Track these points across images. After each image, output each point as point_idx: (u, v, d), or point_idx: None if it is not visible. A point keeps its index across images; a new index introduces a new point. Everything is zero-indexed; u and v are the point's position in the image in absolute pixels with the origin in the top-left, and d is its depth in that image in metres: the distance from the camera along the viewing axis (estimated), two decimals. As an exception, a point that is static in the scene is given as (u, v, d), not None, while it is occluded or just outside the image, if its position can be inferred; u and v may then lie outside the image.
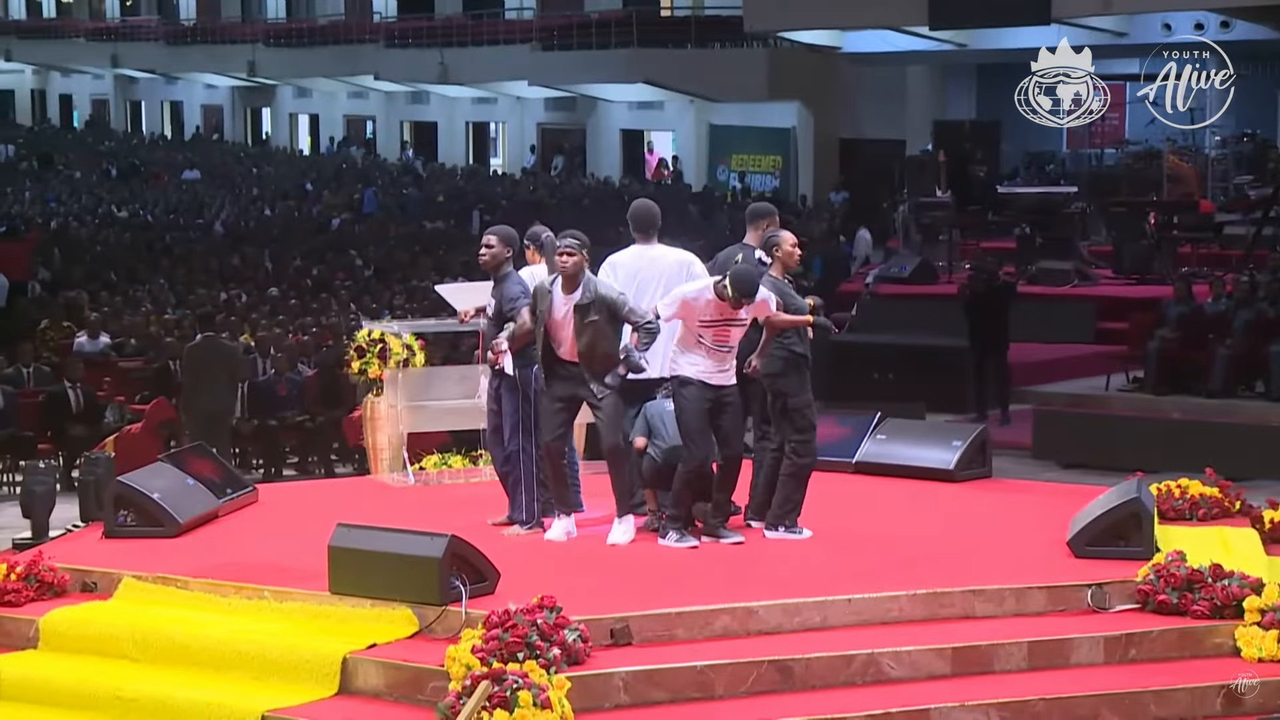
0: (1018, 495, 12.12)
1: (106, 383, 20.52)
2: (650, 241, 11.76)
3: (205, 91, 68.34)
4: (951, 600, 9.96)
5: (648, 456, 11.20)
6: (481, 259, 11.61)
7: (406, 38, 53.51)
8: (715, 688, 9.18)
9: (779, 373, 11.09)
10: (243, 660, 9.50)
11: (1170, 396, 19.68)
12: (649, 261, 11.64)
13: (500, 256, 11.50)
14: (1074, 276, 24.70)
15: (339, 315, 23.75)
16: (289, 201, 43.04)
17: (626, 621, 9.51)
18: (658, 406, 11.28)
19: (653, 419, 11.24)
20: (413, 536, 9.86)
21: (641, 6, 47.15)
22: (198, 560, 10.68)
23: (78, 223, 38.03)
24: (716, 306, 10.65)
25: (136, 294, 26.61)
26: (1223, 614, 9.76)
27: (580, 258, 10.87)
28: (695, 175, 45.75)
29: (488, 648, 8.98)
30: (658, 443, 11.16)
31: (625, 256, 11.77)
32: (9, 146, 61.55)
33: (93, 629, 9.96)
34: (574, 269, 10.85)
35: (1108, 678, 9.42)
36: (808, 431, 11.16)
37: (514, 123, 53.45)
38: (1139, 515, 10.52)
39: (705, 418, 10.81)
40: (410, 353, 13.21)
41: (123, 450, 15.62)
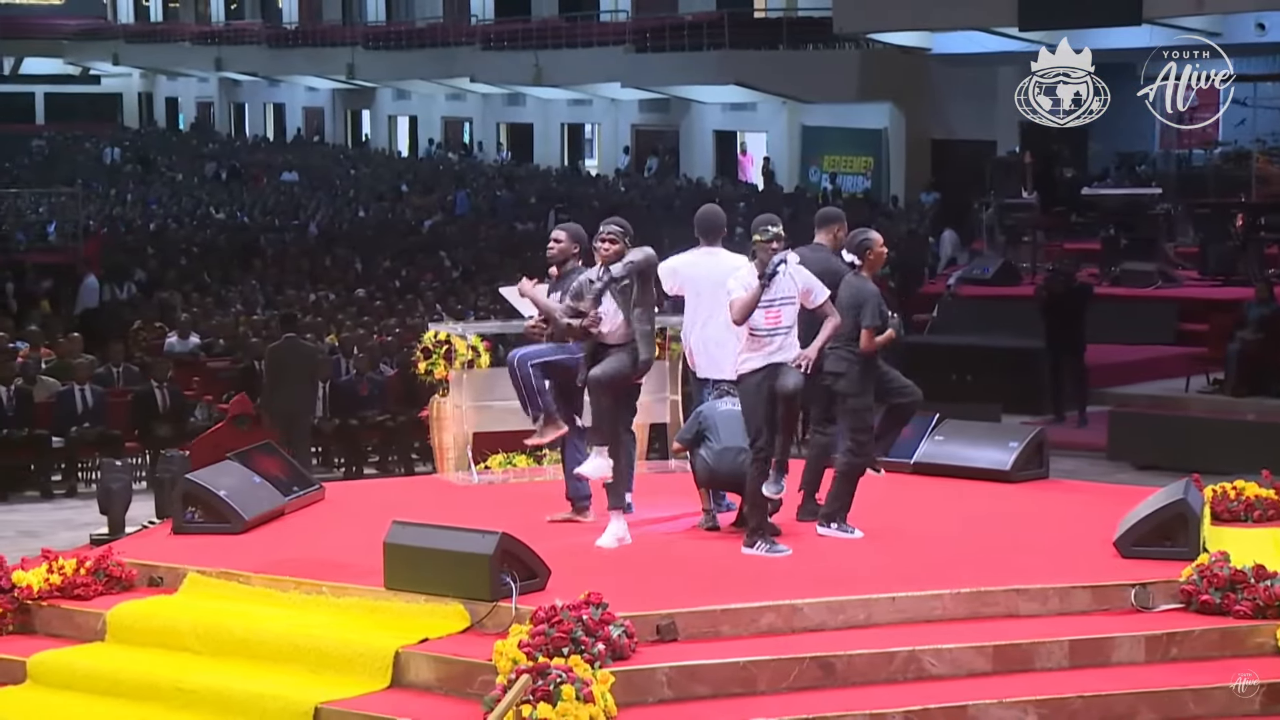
0: (1071, 496, 12.20)
1: (195, 382, 20.92)
2: (714, 245, 11.88)
3: (307, 94, 69.18)
4: (995, 599, 10.07)
5: (700, 458, 11.35)
6: (550, 252, 11.71)
7: (502, 40, 53.95)
8: (757, 683, 9.35)
9: (842, 372, 11.18)
10: (299, 653, 9.76)
11: (1250, 398, 19.63)
12: (707, 268, 11.74)
13: (567, 252, 11.61)
14: (1157, 278, 24.64)
15: (423, 316, 24.04)
16: (383, 203, 43.49)
17: (673, 618, 9.70)
18: (710, 408, 11.42)
19: (705, 420, 11.38)
20: (465, 534, 10.09)
21: (735, 8, 47.28)
22: (260, 556, 10.97)
23: (176, 224, 38.64)
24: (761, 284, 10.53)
25: (228, 295, 27.06)
26: (1265, 614, 9.82)
27: (622, 245, 10.99)
28: (788, 176, 45.85)
29: (534, 643, 9.20)
30: (711, 444, 11.30)
31: (684, 260, 11.89)
32: (114, 149, 62.52)
33: (157, 622, 10.26)
34: (614, 258, 10.96)
35: (1147, 676, 9.51)
36: (864, 432, 11.26)
37: (609, 124, 53.77)
38: (1185, 516, 10.60)
39: (770, 406, 10.65)
40: (475, 354, 13.46)
41: (205, 448, 15.95)
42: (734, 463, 11.08)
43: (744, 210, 39.47)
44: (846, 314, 10.97)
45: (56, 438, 18.27)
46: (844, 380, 11.17)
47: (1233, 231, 25.30)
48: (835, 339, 10.95)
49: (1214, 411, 19.52)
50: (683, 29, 46.42)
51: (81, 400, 18.56)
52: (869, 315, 11.06)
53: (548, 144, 56.34)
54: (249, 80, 71.59)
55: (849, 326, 11.01)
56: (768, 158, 47.32)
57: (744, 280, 10.66)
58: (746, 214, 38.65)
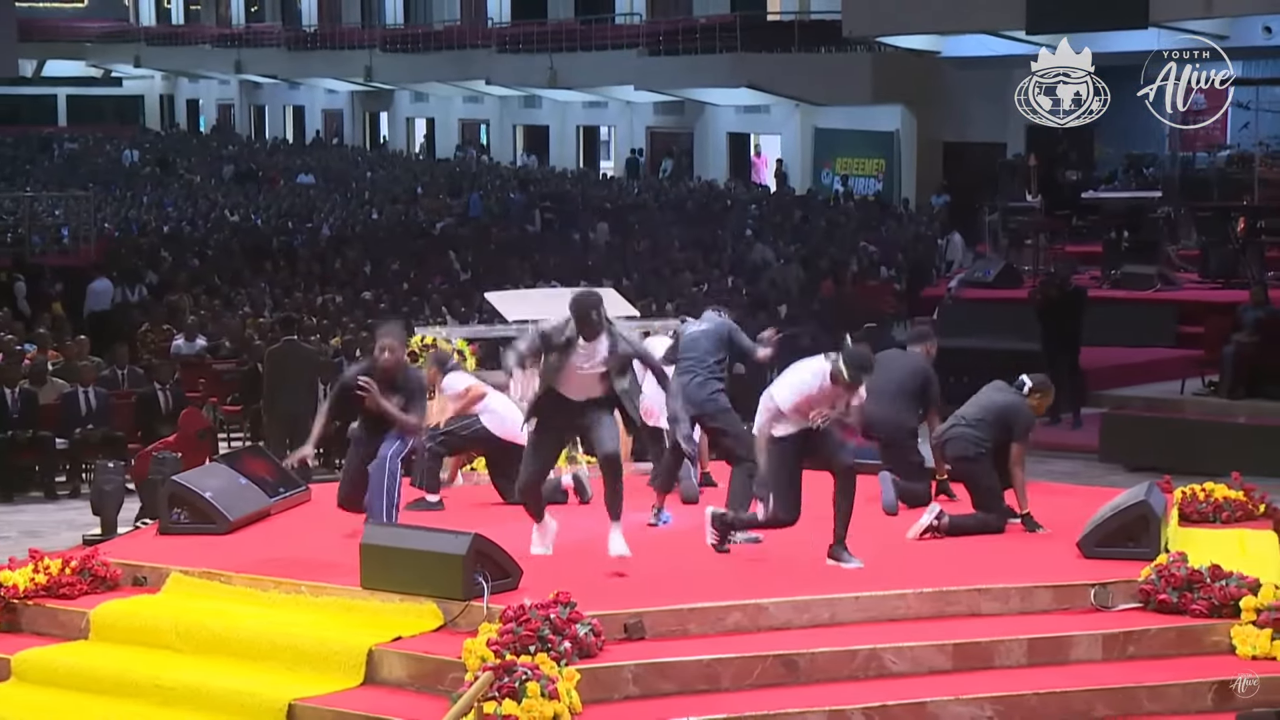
0: (1043, 498, 12.36)
1: (201, 384, 21.18)
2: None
3: (326, 96, 69.51)
4: (958, 598, 10.30)
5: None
6: (386, 362, 11.38)
7: (518, 43, 54.19)
8: (721, 680, 9.59)
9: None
10: (276, 651, 10.02)
11: (1244, 400, 19.74)
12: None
13: (401, 357, 11.55)
14: (1157, 280, 24.72)
15: (429, 319, 24.27)
16: (397, 205, 43.74)
17: (640, 617, 9.93)
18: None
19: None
20: (439, 534, 10.35)
21: (748, 11, 47.45)
22: (243, 556, 11.22)
23: (190, 227, 38.90)
24: (832, 391, 10.89)
25: (236, 297, 27.30)
26: (1221, 613, 10.04)
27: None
28: (800, 178, 46.02)
29: (502, 641, 9.44)
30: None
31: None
32: (134, 151, 62.88)
33: (139, 621, 10.53)
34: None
35: (1104, 674, 9.73)
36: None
37: (624, 126, 53.99)
38: (1147, 517, 10.81)
39: (797, 472, 11.03)
40: (461, 357, 13.68)
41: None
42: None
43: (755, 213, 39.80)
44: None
45: (61, 439, 18.48)
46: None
47: (1233, 234, 25.38)
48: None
49: (1208, 414, 19.62)
50: (696, 32, 46.61)
51: (85, 402, 18.76)
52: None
53: (564, 146, 56.59)
54: (269, 83, 71.95)
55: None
56: (780, 160, 47.50)
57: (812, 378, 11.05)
58: (758, 217, 38.99)
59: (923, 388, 12.89)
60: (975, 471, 12.02)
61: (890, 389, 12.73)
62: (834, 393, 10.82)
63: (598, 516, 11.10)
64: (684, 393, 11.97)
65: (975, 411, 12.11)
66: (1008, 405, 12.03)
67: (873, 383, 12.44)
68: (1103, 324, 22.32)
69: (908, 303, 27.81)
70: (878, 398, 12.54)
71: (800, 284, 28.41)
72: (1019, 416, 11.99)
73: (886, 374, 12.74)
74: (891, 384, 12.76)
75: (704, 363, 12.20)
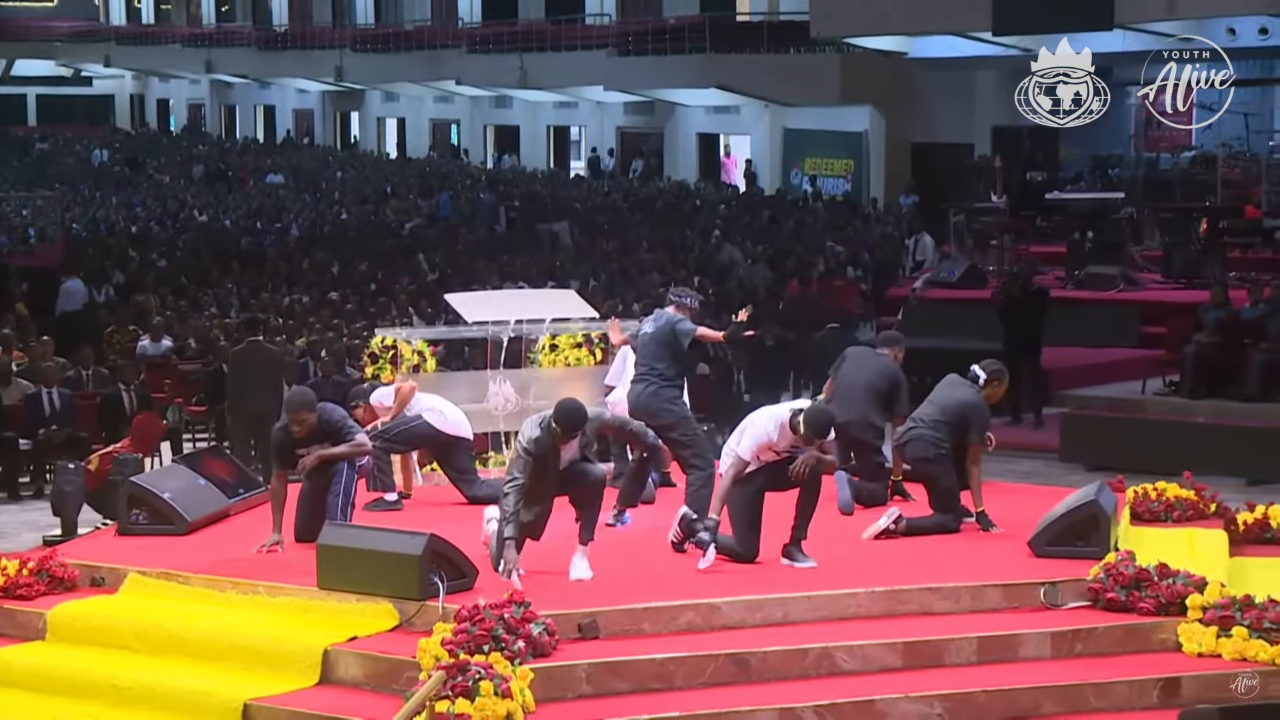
0: (997, 497, 12.46)
1: (167, 384, 21.20)
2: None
3: (297, 96, 69.44)
4: (909, 597, 10.40)
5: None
6: (299, 434, 11.49)
7: (488, 43, 54.21)
8: (675, 679, 9.68)
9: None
10: (233, 651, 10.09)
11: (1205, 400, 19.87)
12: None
13: (312, 424, 11.55)
14: (1120, 281, 24.85)
15: (395, 319, 24.31)
16: (366, 206, 43.74)
17: (594, 616, 10.02)
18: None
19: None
20: (395, 535, 10.43)
21: (718, 12, 47.55)
22: (201, 557, 11.28)
23: (159, 227, 38.86)
24: (790, 439, 11.01)
25: (203, 298, 27.31)
26: (1167, 611, 10.16)
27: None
28: (770, 179, 46.12)
29: (456, 640, 9.53)
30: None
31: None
32: (103, 151, 62.77)
33: (96, 621, 10.58)
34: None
35: (1052, 671, 9.85)
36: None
37: (594, 126, 54.05)
38: (1096, 516, 10.93)
39: (759, 514, 11.14)
40: (421, 358, 13.75)
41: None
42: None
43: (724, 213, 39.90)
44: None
45: (24, 440, 18.48)
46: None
47: (1196, 235, 25.53)
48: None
49: (1168, 414, 19.74)
50: (665, 33, 46.67)
51: (49, 403, 18.75)
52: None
53: (534, 146, 56.64)
54: (240, 82, 71.85)
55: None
56: (750, 160, 47.61)
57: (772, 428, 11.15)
58: (726, 217, 39.08)
59: (892, 391, 12.98)
60: (934, 473, 12.12)
61: (859, 389, 12.87)
62: (792, 441, 10.96)
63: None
64: (637, 402, 12.07)
65: (934, 412, 12.22)
66: (965, 404, 12.14)
67: (843, 380, 12.72)
68: (1066, 324, 22.45)
69: (873, 303, 27.92)
70: (848, 396, 12.71)
71: (767, 284, 28.49)
72: (976, 415, 12.10)
73: (857, 373, 12.91)
74: (860, 384, 12.90)
75: (654, 369, 12.22)
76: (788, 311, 24.57)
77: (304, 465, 11.41)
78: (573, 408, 10.64)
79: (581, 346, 14.30)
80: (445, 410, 12.77)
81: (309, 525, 11.35)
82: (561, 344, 14.29)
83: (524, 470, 10.59)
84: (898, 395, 12.96)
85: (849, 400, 12.78)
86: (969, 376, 12.30)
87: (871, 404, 12.94)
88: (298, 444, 11.40)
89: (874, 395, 12.92)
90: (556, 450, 10.64)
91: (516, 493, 10.54)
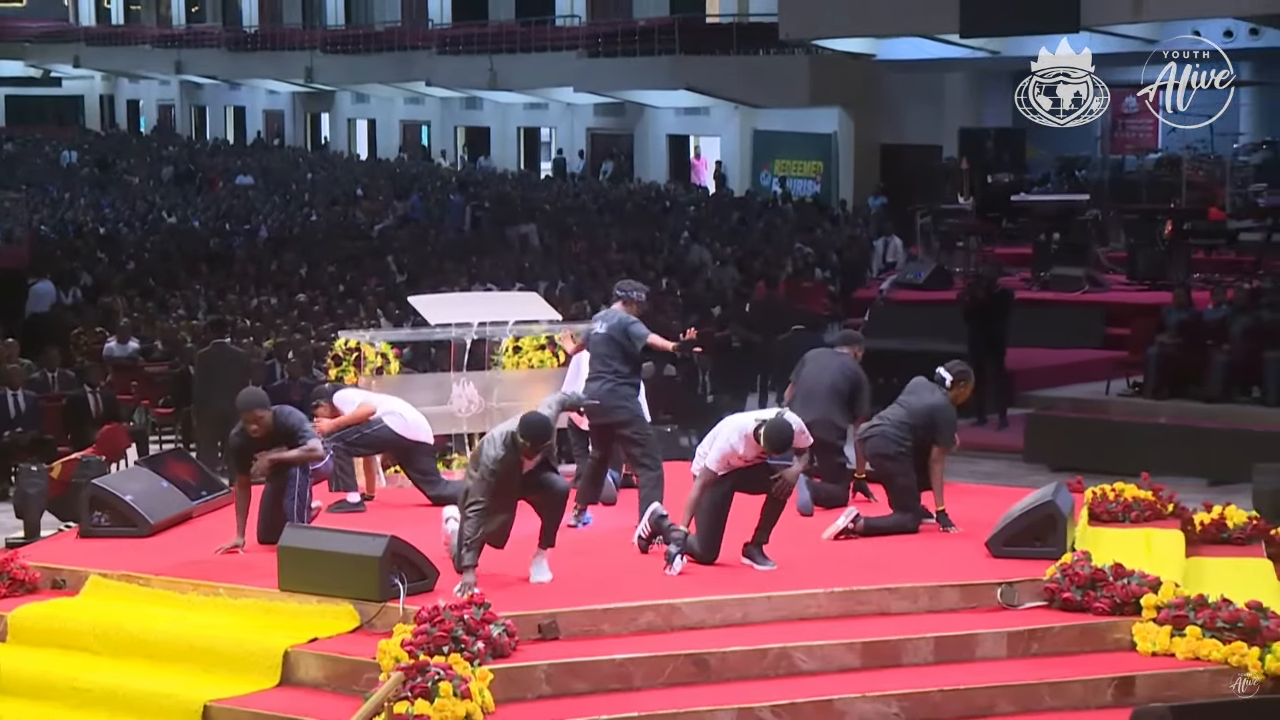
0: (958, 497, 12.53)
1: (134, 386, 21.19)
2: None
3: (267, 97, 69.38)
4: (868, 597, 10.47)
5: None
6: (255, 434, 11.53)
7: (458, 44, 54.23)
8: (634, 679, 9.73)
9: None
10: (193, 653, 10.10)
11: (1169, 401, 19.98)
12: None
13: (267, 424, 11.60)
14: (1085, 282, 24.97)
15: (364, 321, 24.33)
16: (336, 207, 43.72)
17: (555, 617, 10.06)
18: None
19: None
20: (356, 537, 10.46)
21: (687, 14, 47.64)
22: (163, 559, 11.29)
23: (128, 228, 38.80)
24: (755, 449, 11.05)
25: (171, 300, 27.29)
26: (1122, 610, 10.24)
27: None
28: (740, 180, 46.21)
29: (416, 641, 9.57)
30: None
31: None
32: (72, 152, 62.62)
33: (57, 623, 10.58)
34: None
35: (1008, 670, 9.93)
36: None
37: (565, 128, 54.09)
38: (1054, 517, 11.01)
39: (724, 519, 11.19)
40: (385, 360, 13.79)
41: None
42: None
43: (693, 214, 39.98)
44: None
45: (-11, 442, 18.47)
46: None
47: (1160, 237, 25.68)
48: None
49: (1131, 414, 19.84)
50: (635, 34, 46.76)
51: (14, 405, 18.72)
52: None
53: (505, 147, 56.66)
54: (210, 83, 71.74)
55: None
56: (720, 161, 47.71)
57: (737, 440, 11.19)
58: (695, 218, 39.16)
59: (854, 390, 13.02)
60: (894, 470, 12.18)
61: (822, 390, 12.93)
62: (758, 450, 11.01)
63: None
64: (593, 399, 12.10)
65: (901, 415, 12.27)
66: (933, 407, 12.20)
67: (806, 382, 12.79)
68: (1032, 325, 22.55)
69: (841, 304, 28.01)
70: (810, 397, 12.77)
71: (735, 285, 28.58)
72: (944, 418, 12.17)
73: (820, 375, 12.98)
74: (823, 385, 12.97)
75: (610, 367, 12.22)
76: (754, 313, 24.63)
77: (257, 470, 11.43)
78: (538, 422, 10.56)
79: (545, 348, 14.36)
80: (406, 414, 12.81)
81: (270, 528, 11.38)
82: (525, 346, 14.36)
83: (487, 493, 10.50)
84: (859, 395, 13.02)
85: (811, 401, 12.85)
86: (935, 379, 12.35)
87: (834, 404, 13.00)
88: (256, 446, 11.42)
89: (836, 396, 12.98)
90: (521, 465, 10.61)
91: (478, 518, 10.45)
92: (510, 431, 10.53)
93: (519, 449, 10.49)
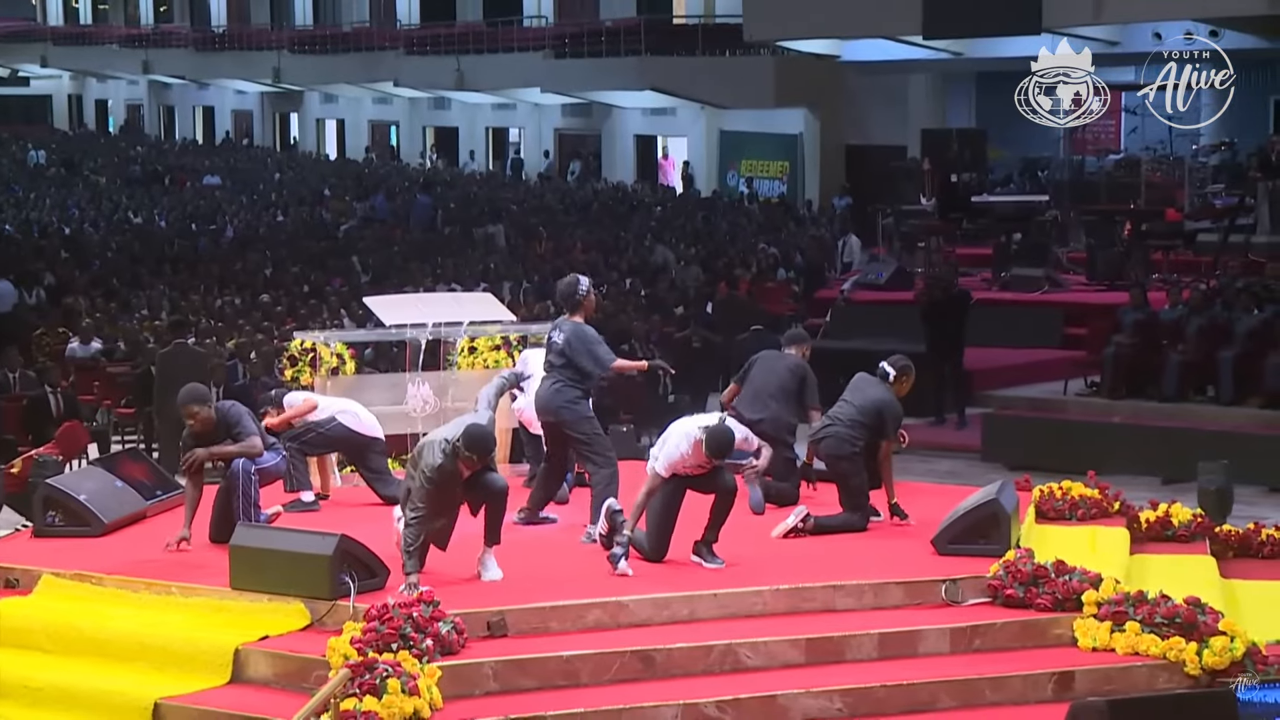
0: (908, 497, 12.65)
1: (95, 387, 21.23)
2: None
3: (236, 97, 69.27)
4: (814, 595, 10.60)
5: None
6: (195, 428, 11.63)
7: (425, 45, 54.25)
8: (580, 676, 9.85)
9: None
10: (145, 651, 10.21)
11: (1125, 400, 20.15)
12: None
13: (207, 419, 11.67)
14: (1044, 283, 25.16)
15: (328, 321, 24.38)
16: (303, 207, 43.69)
17: (503, 614, 10.18)
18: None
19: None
20: (306, 535, 10.58)
21: (654, 15, 47.73)
22: (116, 558, 11.38)
23: (93, 228, 38.73)
24: (703, 458, 11.16)
25: (134, 300, 27.30)
26: (1064, 607, 10.39)
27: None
28: (706, 181, 46.33)
29: (365, 639, 9.68)
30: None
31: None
32: (39, 152, 62.46)
33: (9, 622, 10.68)
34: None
35: (950, 666, 10.07)
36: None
37: (533, 128, 54.16)
38: (997, 515, 11.15)
39: (674, 518, 11.31)
40: (341, 361, 13.88)
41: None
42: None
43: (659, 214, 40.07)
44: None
45: (-51, 443, 18.51)
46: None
47: (1119, 238, 25.86)
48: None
49: (1088, 414, 20.03)
50: (602, 35, 46.83)
51: (-26, 405, 18.84)
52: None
53: (473, 147, 56.68)
54: (178, 83, 71.61)
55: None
56: (687, 162, 47.83)
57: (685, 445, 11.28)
58: (661, 219, 39.25)
59: (801, 385, 13.22)
60: (846, 470, 12.33)
61: (772, 389, 13.12)
62: (703, 457, 11.12)
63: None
64: (540, 399, 12.19)
65: (852, 412, 12.42)
66: (879, 402, 12.32)
67: (755, 382, 13.01)
68: (991, 326, 22.72)
69: (803, 304, 28.16)
70: (760, 397, 12.98)
71: (699, 285, 28.69)
72: (890, 412, 12.31)
73: (769, 375, 13.16)
74: (773, 384, 13.15)
75: (559, 372, 12.20)
76: (715, 313, 24.76)
77: (193, 462, 11.47)
78: (481, 435, 10.58)
79: (500, 349, 14.45)
80: (359, 412, 12.91)
81: (223, 527, 11.46)
82: (480, 346, 14.45)
83: (426, 500, 10.55)
84: (807, 388, 13.20)
85: (762, 400, 13.04)
86: (878, 374, 12.50)
87: (784, 403, 13.17)
88: (202, 442, 11.50)
89: (785, 395, 13.16)
90: (460, 474, 10.63)
91: (419, 525, 10.51)
92: (451, 441, 10.54)
93: (459, 459, 10.53)
